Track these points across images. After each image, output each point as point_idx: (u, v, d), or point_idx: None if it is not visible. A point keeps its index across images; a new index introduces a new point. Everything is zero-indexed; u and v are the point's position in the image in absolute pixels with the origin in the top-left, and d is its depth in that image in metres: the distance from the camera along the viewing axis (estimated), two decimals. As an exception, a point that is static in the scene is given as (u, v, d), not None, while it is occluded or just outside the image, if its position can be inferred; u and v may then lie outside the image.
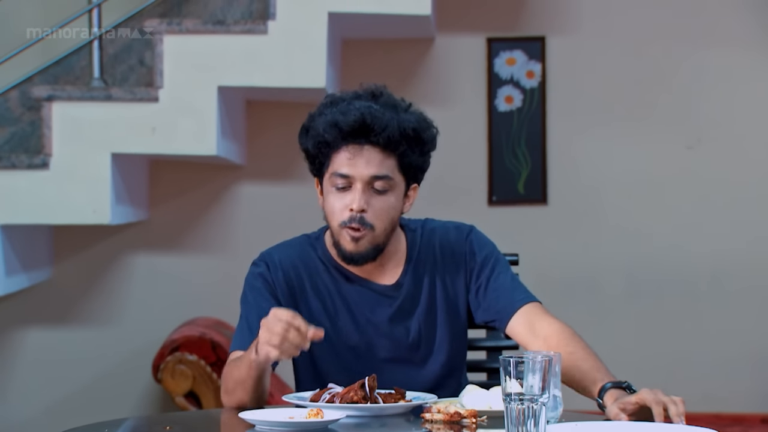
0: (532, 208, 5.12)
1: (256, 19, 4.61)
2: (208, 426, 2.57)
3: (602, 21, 5.14)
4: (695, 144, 5.11)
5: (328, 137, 2.62)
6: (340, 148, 2.62)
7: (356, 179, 2.61)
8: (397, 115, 2.63)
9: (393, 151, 2.62)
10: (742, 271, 5.08)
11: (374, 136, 2.60)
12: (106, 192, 4.41)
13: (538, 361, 2.02)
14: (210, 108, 4.45)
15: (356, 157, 2.61)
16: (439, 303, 2.73)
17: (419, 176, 2.72)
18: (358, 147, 2.61)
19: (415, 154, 2.66)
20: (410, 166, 2.67)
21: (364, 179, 2.61)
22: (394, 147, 2.62)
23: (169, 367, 4.42)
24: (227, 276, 4.92)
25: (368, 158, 2.61)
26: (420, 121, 2.67)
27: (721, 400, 5.04)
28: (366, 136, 2.60)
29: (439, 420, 2.33)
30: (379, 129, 2.59)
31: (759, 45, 5.10)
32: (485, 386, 2.49)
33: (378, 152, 2.61)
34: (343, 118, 2.60)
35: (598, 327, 4.97)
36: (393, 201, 2.65)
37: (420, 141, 2.66)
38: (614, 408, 2.31)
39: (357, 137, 2.60)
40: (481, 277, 2.74)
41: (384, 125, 2.60)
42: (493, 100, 5.11)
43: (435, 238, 2.77)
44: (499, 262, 2.77)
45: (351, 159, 2.61)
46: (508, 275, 2.75)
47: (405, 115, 2.65)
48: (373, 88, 2.70)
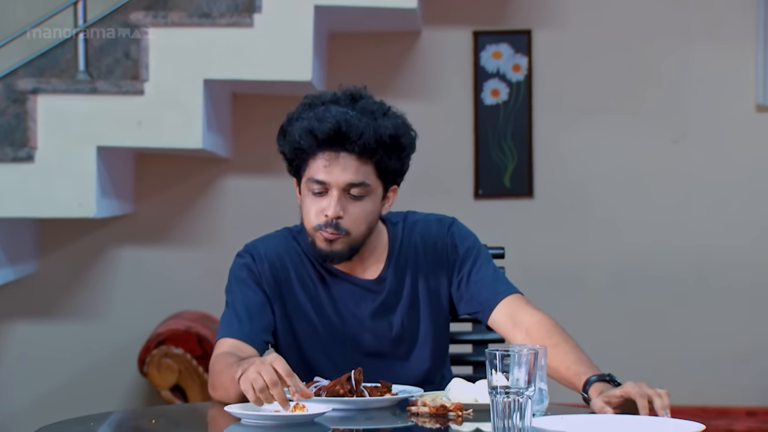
0: (518, 201, 5.12)
1: (242, 12, 4.60)
2: (194, 419, 2.57)
3: (589, 14, 5.15)
4: (681, 138, 5.12)
5: (304, 144, 2.60)
6: (316, 154, 2.60)
7: (332, 186, 2.59)
8: (374, 122, 2.60)
9: (369, 158, 2.60)
10: (728, 265, 5.09)
11: (350, 144, 2.58)
12: (91, 185, 4.40)
13: (524, 354, 2.03)
14: (196, 101, 4.44)
15: (332, 164, 2.59)
16: (422, 297, 2.73)
17: (398, 179, 2.71)
18: (334, 154, 2.59)
19: (392, 160, 2.64)
20: (387, 170, 2.65)
21: (339, 186, 2.59)
22: (371, 154, 2.60)
23: (155, 360, 4.41)
24: (213, 269, 4.91)
25: (344, 165, 2.59)
26: (397, 127, 2.64)
27: (707, 393, 5.05)
28: (341, 144, 2.58)
29: (425, 413, 2.33)
30: (355, 137, 2.57)
31: (745, 39, 5.11)
32: (471, 379, 2.50)
33: (354, 159, 2.59)
34: (319, 125, 2.58)
35: (583, 321, 4.98)
36: (370, 206, 2.64)
37: (397, 147, 2.64)
38: (599, 401, 2.31)
39: (332, 145, 2.58)
40: (463, 270, 2.74)
41: (360, 133, 2.57)
42: (480, 94, 5.11)
43: (416, 231, 2.76)
44: (481, 254, 2.76)
45: (327, 166, 2.59)
46: (490, 267, 2.75)
47: (382, 121, 2.62)
48: (353, 91, 2.67)
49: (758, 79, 5.09)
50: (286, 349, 2.70)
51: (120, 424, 2.52)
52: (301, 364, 2.69)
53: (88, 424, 2.32)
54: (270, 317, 2.68)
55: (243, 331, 2.62)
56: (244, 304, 2.66)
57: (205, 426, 2.45)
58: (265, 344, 2.67)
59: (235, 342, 2.61)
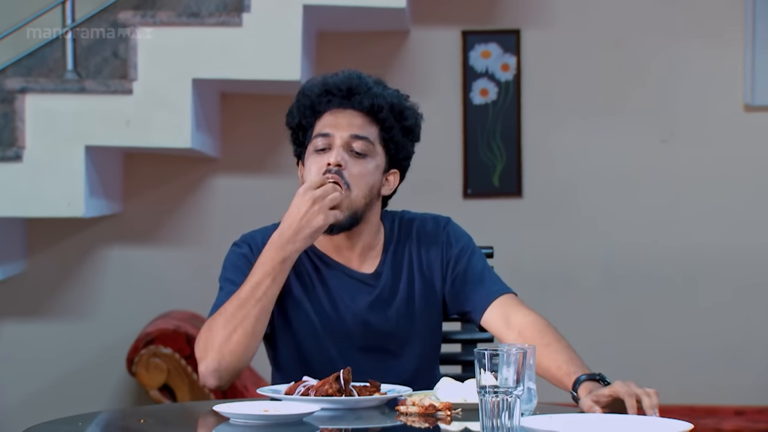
0: (507, 201, 5.13)
1: (231, 12, 4.60)
2: (182, 419, 2.56)
3: (577, 14, 5.15)
4: (669, 137, 5.13)
5: (315, 100, 2.68)
6: (323, 112, 2.68)
7: (335, 138, 2.65)
8: (384, 89, 2.72)
9: (375, 119, 2.67)
10: (716, 264, 5.11)
11: (359, 100, 2.67)
12: (80, 185, 4.40)
13: (513, 353, 2.03)
14: (184, 101, 4.44)
15: (338, 117, 2.66)
16: (417, 293, 2.73)
17: (402, 162, 2.74)
18: (341, 109, 2.67)
19: (396, 130, 2.70)
20: (392, 141, 2.70)
21: (343, 138, 2.64)
22: (377, 113, 2.67)
23: (144, 360, 4.41)
24: (202, 269, 4.91)
25: (350, 119, 2.66)
26: (405, 100, 2.75)
27: (695, 392, 5.06)
28: (350, 99, 2.67)
29: (414, 413, 2.33)
30: (365, 92, 2.67)
31: (733, 39, 5.12)
32: (460, 379, 2.50)
33: (361, 116, 2.67)
34: (332, 79, 2.69)
35: (572, 320, 4.98)
36: (371, 168, 2.66)
37: (403, 117, 2.71)
38: (588, 400, 2.31)
39: (342, 99, 2.67)
40: (457, 269, 2.74)
41: (369, 88, 2.68)
42: (468, 93, 5.12)
43: (413, 228, 2.78)
44: (475, 254, 2.77)
45: (334, 119, 2.66)
46: (484, 267, 2.76)
47: (390, 90, 2.73)
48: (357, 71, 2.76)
49: (746, 78, 5.10)
50: (281, 339, 2.69)
51: (108, 423, 2.52)
52: (296, 356, 2.68)
53: (77, 424, 2.31)
54: None
55: None
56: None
57: (194, 426, 2.44)
58: None
59: None
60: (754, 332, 5.10)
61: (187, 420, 2.54)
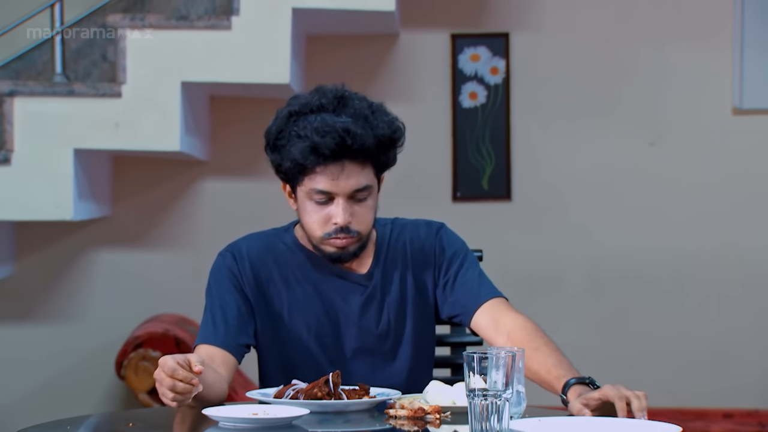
0: (496, 204, 5.13)
1: (220, 15, 4.59)
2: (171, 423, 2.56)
3: (566, 17, 5.16)
4: (657, 140, 5.14)
5: (308, 162, 2.59)
6: (318, 167, 2.60)
7: (338, 195, 2.61)
8: (369, 126, 2.62)
9: (369, 160, 2.63)
10: (704, 267, 5.11)
11: (353, 154, 2.59)
12: (68, 188, 4.39)
13: (502, 357, 2.03)
14: (173, 104, 4.43)
15: (337, 175, 2.60)
16: (410, 296, 2.74)
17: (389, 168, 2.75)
18: (339, 165, 2.59)
19: (388, 156, 2.68)
20: (383, 165, 2.69)
21: (346, 194, 2.61)
22: (371, 156, 2.63)
23: (133, 363, 4.40)
24: (191, 272, 4.91)
25: (348, 174, 2.60)
26: (390, 124, 2.66)
27: (684, 395, 5.07)
28: (346, 155, 2.59)
29: (403, 416, 2.33)
30: (358, 146, 2.59)
31: (721, 42, 5.13)
32: (449, 382, 2.50)
33: (357, 165, 2.61)
34: (322, 140, 2.56)
35: (561, 323, 4.99)
36: (372, 204, 2.67)
37: (393, 143, 2.68)
38: (577, 403, 2.32)
39: (336, 157, 2.58)
40: (449, 273, 2.75)
41: (362, 142, 2.59)
42: (458, 96, 5.12)
43: (405, 234, 2.79)
44: (468, 258, 2.78)
45: (333, 178, 2.60)
46: (476, 271, 2.76)
47: (376, 123, 2.63)
48: (335, 92, 2.66)
49: (734, 82, 5.11)
50: (267, 349, 2.70)
51: (97, 427, 2.51)
52: (283, 364, 2.69)
53: (65, 428, 2.31)
54: (248, 320, 2.68)
55: (218, 337, 2.63)
56: (222, 309, 2.65)
57: (183, 430, 2.44)
58: (244, 348, 2.67)
59: (210, 349, 2.61)
60: (742, 335, 5.11)
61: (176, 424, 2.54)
